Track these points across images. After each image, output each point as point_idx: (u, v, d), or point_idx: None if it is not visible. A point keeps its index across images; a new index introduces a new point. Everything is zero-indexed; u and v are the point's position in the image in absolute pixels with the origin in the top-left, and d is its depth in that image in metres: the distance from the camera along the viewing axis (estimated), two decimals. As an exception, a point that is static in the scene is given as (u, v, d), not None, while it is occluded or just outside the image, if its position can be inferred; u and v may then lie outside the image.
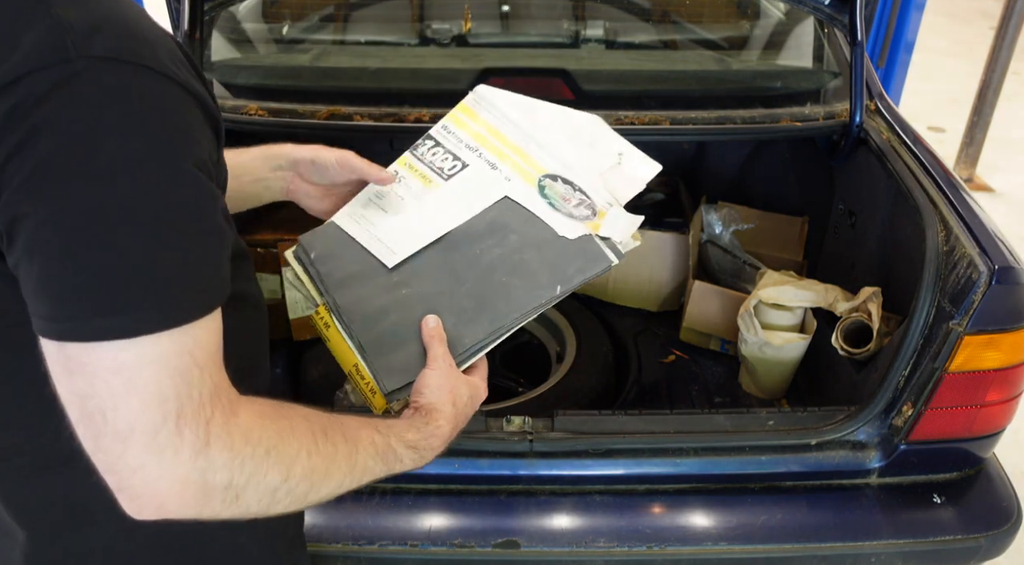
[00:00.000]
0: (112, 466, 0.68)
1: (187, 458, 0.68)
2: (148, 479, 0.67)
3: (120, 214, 0.66)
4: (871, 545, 1.56)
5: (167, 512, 0.70)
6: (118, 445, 0.66)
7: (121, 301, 0.66)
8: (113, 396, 0.66)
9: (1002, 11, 4.43)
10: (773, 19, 2.60)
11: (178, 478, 0.68)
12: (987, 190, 4.76)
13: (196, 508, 0.70)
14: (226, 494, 0.71)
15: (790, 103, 2.08)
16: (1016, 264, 1.48)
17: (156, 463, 0.67)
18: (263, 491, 0.74)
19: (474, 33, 2.47)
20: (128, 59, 0.67)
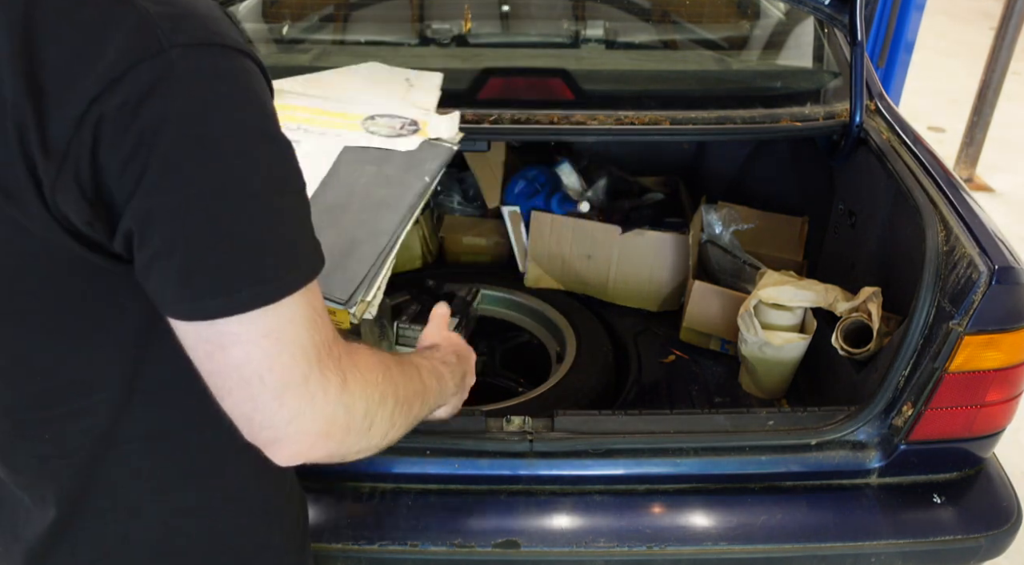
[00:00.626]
0: (270, 421, 0.73)
1: (334, 396, 0.76)
2: (304, 424, 0.74)
3: (246, 190, 0.71)
4: (871, 545, 1.56)
5: (318, 451, 0.77)
6: (275, 401, 0.73)
7: (263, 270, 0.71)
8: (268, 357, 0.72)
9: (1002, 11, 4.43)
10: (773, 19, 2.60)
11: (329, 416, 0.75)
12: (987, 190, 4.77)
13: (341, 442, 0.78)
14: (363, 422, 0.79)
15: (790, 103, 2.07)
16: (1016, 264, 1.48)
17: (310, 407, 0.74)
18: (385, 415, 0.83)
19: (474, 33, 2.47)
20: (211, 41, 0.70)
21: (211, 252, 0.70)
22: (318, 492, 1.58)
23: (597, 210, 2.52)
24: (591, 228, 2.45)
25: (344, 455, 0.81)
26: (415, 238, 2.64)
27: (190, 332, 0.72)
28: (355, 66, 1.46)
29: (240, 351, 0.71)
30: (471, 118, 1.93)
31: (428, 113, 1.49)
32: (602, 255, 2.46)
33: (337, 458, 0.80)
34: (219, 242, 0.70)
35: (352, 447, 0.81)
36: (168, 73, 0.67)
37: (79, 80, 0.65)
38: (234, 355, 0.72)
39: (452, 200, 2.84)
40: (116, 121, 0.66)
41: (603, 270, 2.47)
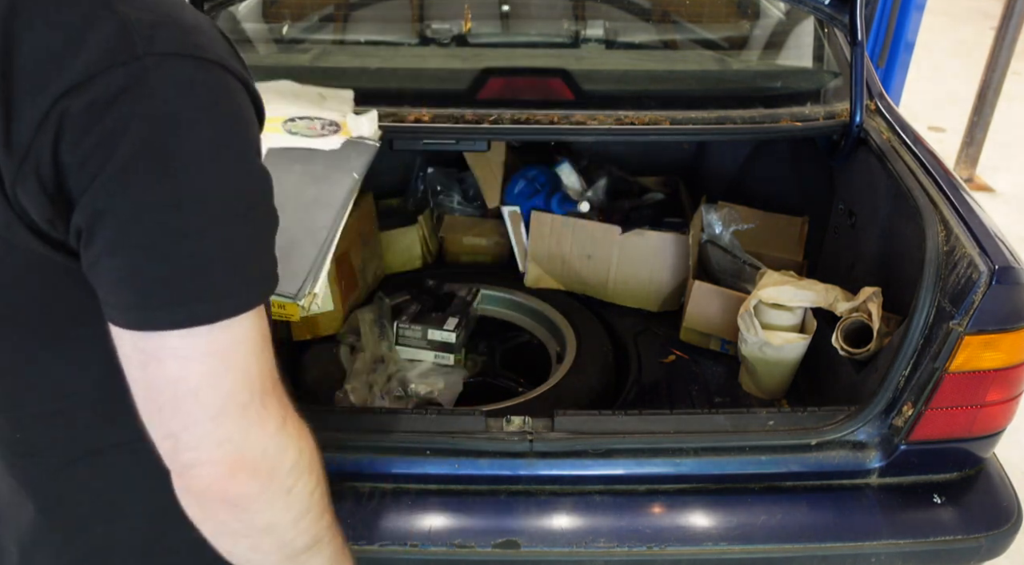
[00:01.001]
0: (197, 442, 0.71)
1: (272, 432, 0.73)
2: (232, 451, 0.71)
3: (202, 206, 0.68)
4: (871, 545, 1.56)
5: (236, 486, 0.73)
6: (209, 422, 0.70)
7: (212, 287, 0.69)
8: (208, 376, 0.69)
9: (1002, 11, 4.42)
10: (773, 19, 2.60)
11: (260, 450, 0.72)
12: (987, 190, 4.76)
13: (263, 486, 0.74)
14: (288, 478, 0.75)
15: (790, 103, 2.07)
16: (1016, 264, 1.48)
17: (243, 436, 0.72)
18: (305, 490, 0.78)
19: (474, 33, 2.47)
20: (188, 52, 0.69)
21: (159, 263, 0.68)
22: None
23: (597, 210, 2.52)
24: (591, 228, 2.45)
25: (252, 508, 0.75)
26: (415, 238, 2.64)
27: (126, 340, 0.70)
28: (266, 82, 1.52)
29: (178, 367, 0.69)
30: (471, 118, 1.93)
31: (346, 114, 1.55)
32: (602, 255, 2.46)
33: (247, 506, 0.75)
34: (168, 254, 0.68)
35: (265, 501, 0.75)
36: (140, 80, 0.66)
37: (50, 79, 0.65)
38: (171, 370, 0.69)
39: (452, 200, 2.83)
40: (80, 120, 0.65)
41: (603, 270, 2.47)
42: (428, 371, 2.10)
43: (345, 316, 2.24)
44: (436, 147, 2.58)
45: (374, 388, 1.98)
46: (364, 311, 2.24)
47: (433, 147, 2.58)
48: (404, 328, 2.16)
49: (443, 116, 1.93)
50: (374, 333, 2.16)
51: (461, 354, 2.21)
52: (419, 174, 2.88)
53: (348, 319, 2.24)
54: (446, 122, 1.93)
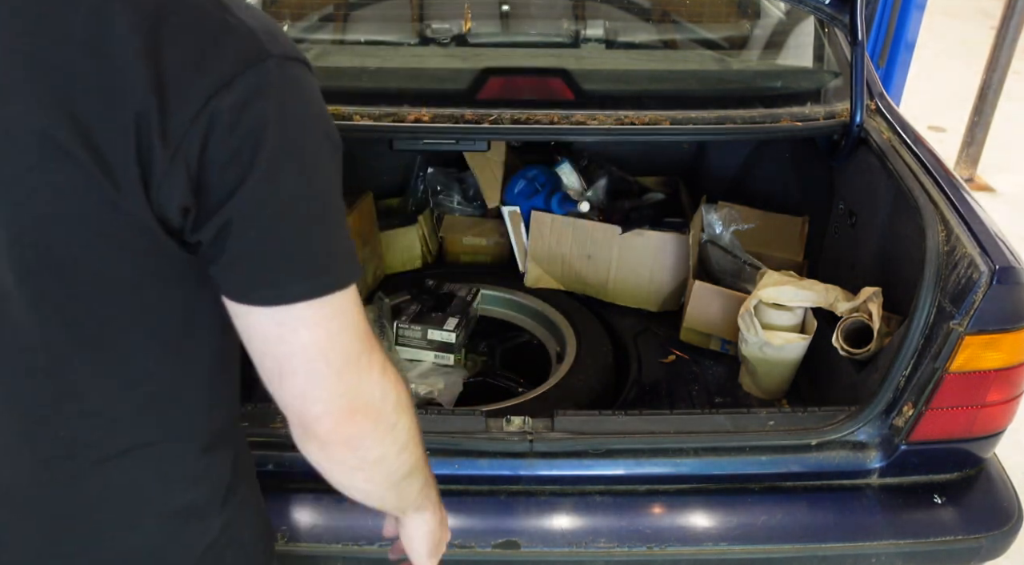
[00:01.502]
0: (327, 395, 0.82)
1: (377, 377, 0.85)
2: (351, 399, 0.83)
3: (325, 194, 0.81)
4: (872, 545, 1.56)
5: (354, 427, 0.85)
6: (334, 376, 0.82)
7: (332, 263, 0.81)
8: (332, 337, 0.81)
9: (1003, 10, 4.42)
10: (773, 19, 2.59)
11: (370, 394, 0.85)
12: (988, 190, 4.76)
13: (374, 424, 0.86)
14: (392, 415, 0.88)
15: (790, 103, 2.07)
16: (1017, 264, 1.48)
17: (359, 383, 0.84)
18: (405, 424, 0.90)
19: (474, 33, 2.47)
20: (296, 56, 0.79)
21: (295, 246, 0.79)
22: (318, 492, 1.58)
23: (597, 210, 2.52)
24: (591, 228, 2.45)
25: (365, 445, 0.87)
26: (415, 238, 2.64)
27: (264, 318, 0.79)
28: None
29: (310, 333, 0.80)
30: (471, 118, 1.93)
31: None
32: (602, 255, 2.46)
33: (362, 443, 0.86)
34: (301, 238, 0.79)
35: (376, 438, 0.87)
36: (269, 79, 0.75)
37: (198, 79, 0.72)
38: (304, 337, 0.80)
39: (452, 200, 2.83)
40: (227, 117, 0.72)
41: (603, 270, 2.47)
42: (428, 371, 2.10)
43: (345, 316, 2.24)
44: (436, 147, 2.59)
45: (374, 388, 1.97)
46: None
47: (433, 147, 2.58)
48: (404, 328, 2.16)
49: (443, 116, 1.93)
50: (374, 333, 2.16)
51: (461, 354, 2.21)
52: (419, 174, 2.87)
53: (348, 319, 2.23)
54: (446, 122, 1.93)
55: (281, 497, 1.58)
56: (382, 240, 2.59)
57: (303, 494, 1.57)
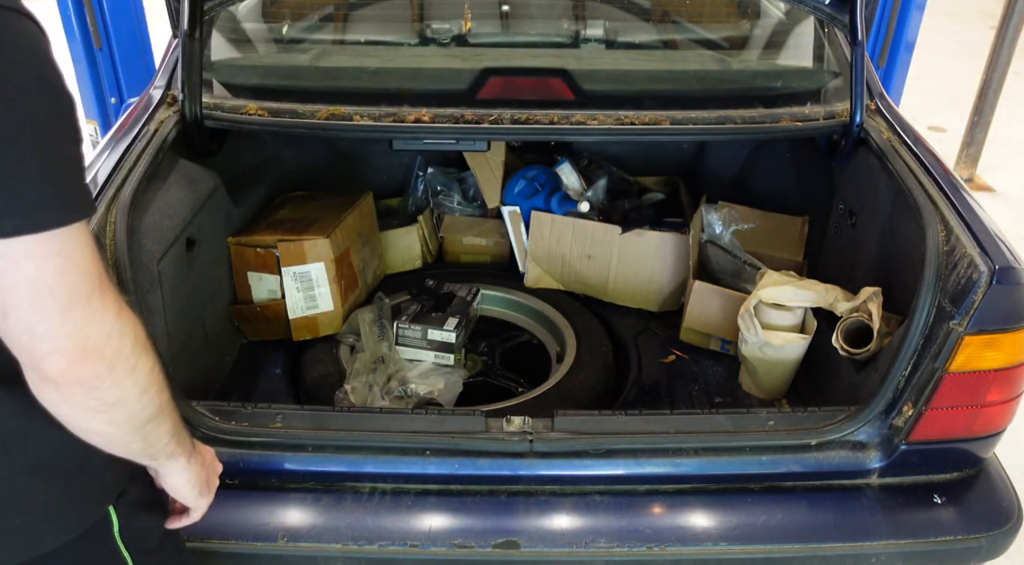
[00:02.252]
0: (53, 333, 0.84)
1: (112, 318, 0.87)
2: (82, 338, 0.85)
3: (45, 132, 0.83)
4: (871, 545, 1.56)
5: (88, 368, 0.86)
6: (61, 313, 0.84)
7: (56, 199, 0.83)
8: (58, 273, 0.83)
9: (1003, 10, 4.42)
10: (773, 19, 2.59)
11: (105, 335, 0.87)
12: (988, 190, 4.76)
13: (110, 365, 0.88)
14: (131, 357, 0.90)
15: (790, 103, 2.07)
16: (1016, 264, 1.48)
17: (90, 323, 0.85)
18: (146, 368, 0.92)
19: (474, 33, 2.47)
20: (11, 6, 0.82)
21: (8, 181, 0.80)
22: (318, 492, 1.58)
23: (597, 210, 2.52)
24: (591, 228, 2.45)
25: (103, 386, 0.88)
26: (415, 238, 2.64)
27: None
28: None
29: (33, 266, 0.82)
30: (471, 118, 1.93)
31: None
32: (602, 255, 2.46)
33: (99, 384, 0.88)
34: (16, 173, 0.81)
35: (114, 379, 0.89)
36: None
37: None
38: (27, 269, 0.82)
39: (452, 200, 2.84)
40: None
41: (603, 270, 2.47)
42: (428, 371, 2.10)
43: (345, 316, 2.24)
44: (436, 147, 2.59)
45: (374, 388, 1.98)
46: (364, 311, 2.24)
47: (433, 147, 2.59)
48: (404, 328, 2.16)
49: (443, 116, 1.94)
50: (374, 333, 2.16)
51: (461, 354, 2.21)
52: (419, 174, 2.88)
53: (348, 319, 2.24)
54: (446, 122, 1.93)
55: (281, 497, 1.58)
56: (382, 240, 2.59)
57: (303, 494, 1.58)
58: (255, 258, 2.21)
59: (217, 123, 1.96)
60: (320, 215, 2.32)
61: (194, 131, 1.95)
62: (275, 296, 2.22)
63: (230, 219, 2.24)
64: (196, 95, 1.91)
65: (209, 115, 1.95)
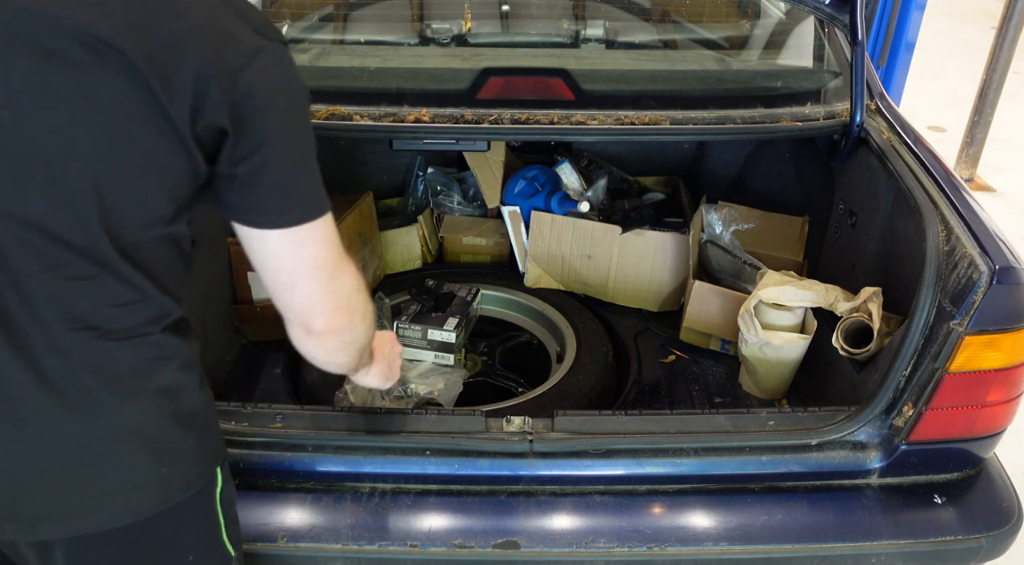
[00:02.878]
0: (325, 297, 1.09)
1: (353, 278, 1.13)
2: (341, 296, 1.11)
3: (312, 145, 1.06)
4: (872, 545, 1.56)
5: (339, 319, 1.12)
6: (330, 282, 1.08)
7: (320, 192, 1.05)
8: (327, 250, 1.06)
9: (1003, 10, 4.42)
10: (773, 19, 2.59)
11: (352, 288, 1.12)
12: (988, 190, 4.76)
13: (352, 314, 1.14)
14: (362, 305, 1.16)
15: (790, 103, 2.07)
16: (1017, 264, 1.48)
17: (344, 283, 1.10)
18: (368, 311, 1.19)
19: (474, 33, 2.47)
20: (285, 39, 1.02)
21: (306, 180, 1.04)
22: (318, 492, 1.58)
23: (597, 210, 2.52)
24: (591, 228, 2.45)
25: (349, 330, 1.15)
26: (415, 238, 2.64)
27: (280, 239, 1.03)
28: None
29: (314, 247, 1.05)
30: (471, 118, 1.93)
31: None
32: (602, 255, 2.46)
33: (347, 330, 1.15)
34: (309, 174, 1.04)
35: (354, 323, 1.15)
36: (276, 56, 0.98)
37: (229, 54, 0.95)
38: (311, 251, 1.05)
39: (452, 200, 2.83)
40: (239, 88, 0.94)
41: (603, 270, 2.47)
42: (428, 371, 2.09)
43: (345, 316, 2.24)
44: (436, 147, 2.59)
45: (374, 388, 1.97)
46: (364, 311, 2.23)
47: (433, 147, 2.58)
48: (404, 328, 2.16)
49: (443, 116, 1.93)
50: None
51: (461, 354, 2.21)
52: (419, 174, 2.87)
53: (348, 319, 2.23)
54: (446, 122, 1.93)
55: (281, 497, 1.58)
56: (382, 240, 2.59)
57: (303, 494, 1.58)
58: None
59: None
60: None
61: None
62: (275, 296, 2.21)
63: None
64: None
65: (209, 115, 1.94)
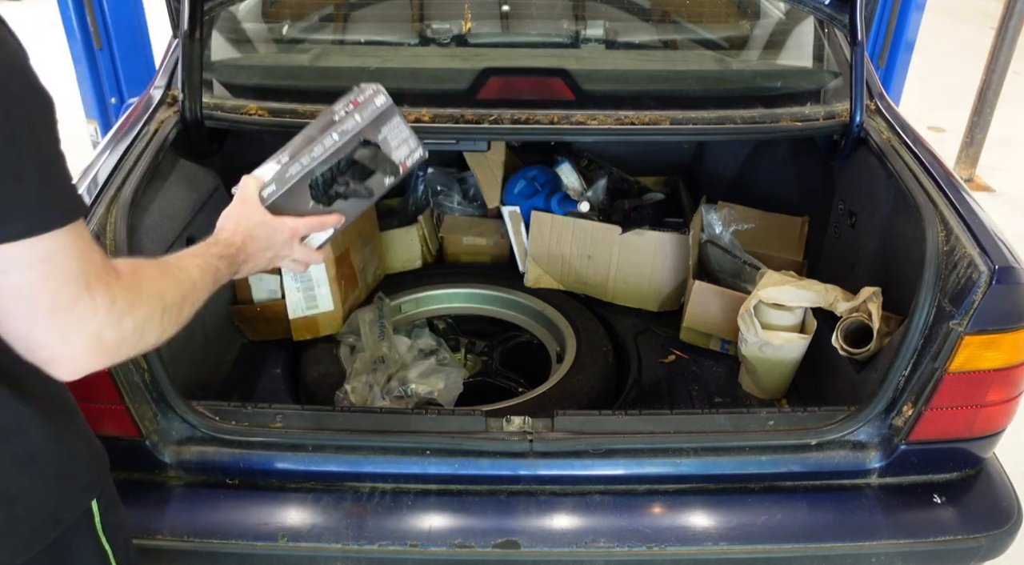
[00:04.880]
0: (43, 341, 0.86)
1: (102, 317, 0.87)
2: (74, 345, 0.87)
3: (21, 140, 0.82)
4: (871, 545, 1.56)
5: (94, 366, 0.89)
6: (47, 321, 0.85)
7: (37, 206, 0.83)
8: (42, 280, 0.84)
9: (1002, 11, 4.42)
10: (773, 19, 2.59)
11: (97, 335, 0.87)
12: (987, 190, 4.76)
13: (113, 355, 0.90)
14: (134, 336, 0.92)
15: (790, 103, 2.07)
16: (1016, 264, 1.48)
17: (79, 329, 0.86)
18: (154, 325, 0.95)
19: (474, 33, 2.47)
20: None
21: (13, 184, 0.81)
22: (318, 492, 1.58)
23: (597, 210, 2.52)
24: (591, 228, 2.45)
25: (118, 359, 0.92)
26: (415, 238, 2.64)
27: None
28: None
29: (18, 274, 0.83)
30: (471, 118, 1.93)
31: None
32: (602, 255, 2.46)
33: (114, 360, 0.91)
34: (19, 178, 0.81)
35: (127, 355, 0.92)
36: None
37: None
38: (13, 277, 0.83)
39: (452, 200, 2.84)
40: None
41: (603, 270, 2.47)
42: (428, 371, 2.10)
43: (345, 316, 2.24)
44: (436, 147, 2.58)
45: (374, 388, 1.98)
46: (364, 311, 2.24)
47: (433, 147, 2.57)
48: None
49: (443, 116, 1.94)
50: (374, 333, 2.16)
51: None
52: (419, 174, 2.88)
53: (348, 319, 2.24)
54: (446, 122, 1.93)
55: (281, 497, 1.58)
56: (382, 240, 2.59)
57: (303, 494, 1.58)
58: (255, 258, 2.20)
59: (217, 123, 1.96)
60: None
61: (194, 131, 1.95)
62: (275, 296, 2.22)
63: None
64: (196, 95, 1.91)
65: (209, 115, 1.95)
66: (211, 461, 1.59)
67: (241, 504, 1.57)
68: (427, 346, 2.24)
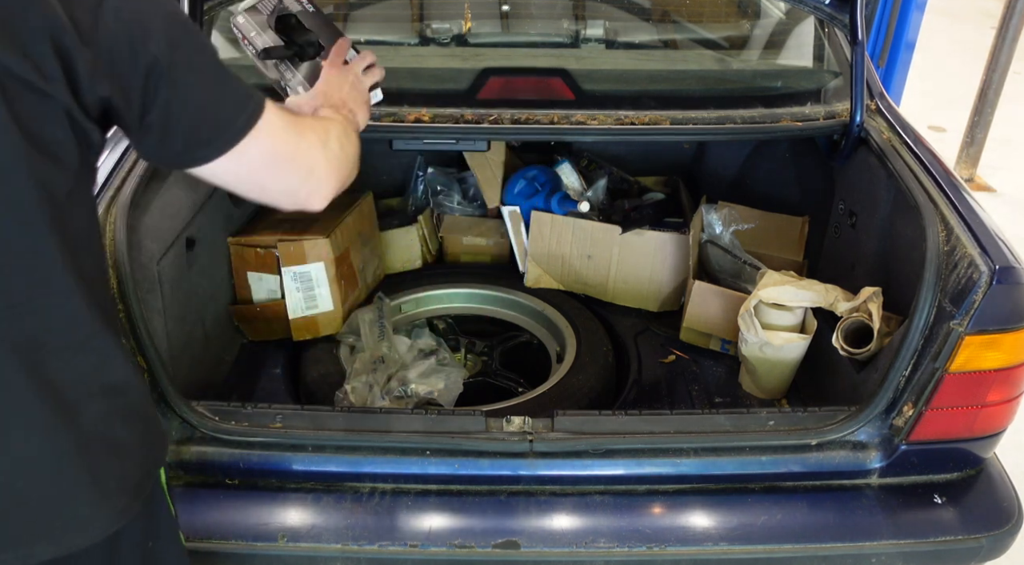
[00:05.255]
0: (297, 184, 1.08)
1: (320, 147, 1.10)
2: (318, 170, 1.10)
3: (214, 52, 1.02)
4: (871, 545, 1.56)
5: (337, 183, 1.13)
6: (293, 166, 1.07)
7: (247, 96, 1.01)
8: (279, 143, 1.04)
9: (1003, 10, 4.42)
10: (773, 19, 2.59)
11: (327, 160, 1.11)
12: (988, 190, 4.76)
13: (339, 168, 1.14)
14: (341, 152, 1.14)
15: (790, 103, 2.07)
16: (1017, 264, 1.48)
17: (314, 159, 1.09)
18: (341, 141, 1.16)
19: (474, 33, 2.47)
20: None
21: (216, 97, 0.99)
22: (318, 492, 1.58)
23: (597, 210, 2.52)
24: (591, 228, 2.45)
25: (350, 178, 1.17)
26: (415, 238, 2.64)
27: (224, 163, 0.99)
28: None
29: (259, 148, 1.01)
30: (471, 118, 1.93)
31: None
32: (602, 255, 2.46)
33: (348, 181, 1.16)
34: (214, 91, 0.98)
35: (350, 171, 1.17)
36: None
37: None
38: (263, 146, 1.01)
39: (452, 200, 2.83)
40: (117, 11, 0.88)
41: (603, 270, 2.47)
42: (428, 371, 2.10)
43: (345, 316, 2.24)
44: (436, 147, 2.59)
45: (374, 388, 1.98)
46: (364, 311, 2.24)
47: (433, 147, 2.58)
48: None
49: (443, 116, 1.93)
50: (374, 333, 2.16)
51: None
52: (419, 174, 2.87)
53: (348, 319, 2.24)
54: (446, 122, 1.93)
55: (281, 497, 1.58)
56: (382, 240, 2.59)
57: (303, 494, 1.58)
58: (255, 258, 2.21)
59: (217, 123, 1.96)
60: (320, 215, 2.31)
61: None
62: (275, 296, 2.22)
63: (230, 219, 2.24)
64: (196, 95, 1.91)
65: (209, 115, 1.94)
66: (211, 461, 1.59)
67: (241, 504, 1.57)
68: (427, 346, 2.24)
